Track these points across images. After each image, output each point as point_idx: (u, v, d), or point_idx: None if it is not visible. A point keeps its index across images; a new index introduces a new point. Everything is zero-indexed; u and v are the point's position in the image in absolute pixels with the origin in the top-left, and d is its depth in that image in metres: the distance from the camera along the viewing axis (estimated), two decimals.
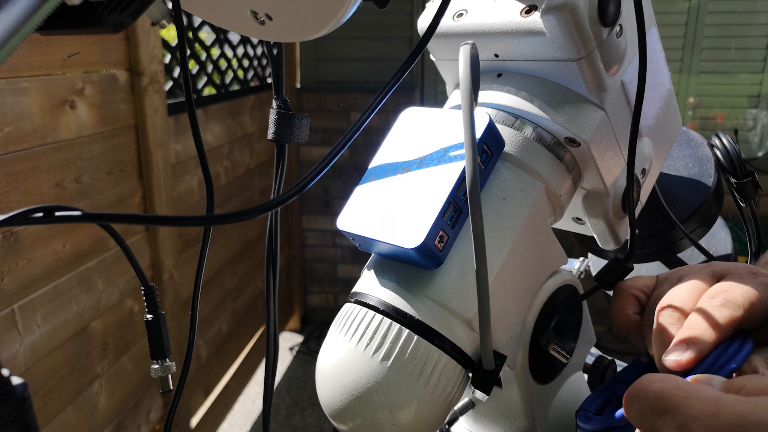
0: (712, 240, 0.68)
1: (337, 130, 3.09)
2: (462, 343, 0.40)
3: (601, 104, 0.45)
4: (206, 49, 2.27)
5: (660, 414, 0.29)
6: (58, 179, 1.40)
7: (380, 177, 0.44)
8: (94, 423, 1.59)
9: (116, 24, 0.26)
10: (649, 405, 0.30)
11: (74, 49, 1.42)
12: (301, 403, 2.72)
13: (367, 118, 0.38)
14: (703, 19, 2.85)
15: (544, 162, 0.45)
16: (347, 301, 0.44)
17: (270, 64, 0.48)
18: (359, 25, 2.87)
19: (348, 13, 0.35)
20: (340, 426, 0.41)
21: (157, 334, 0.50)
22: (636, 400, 0.31)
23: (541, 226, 0.45)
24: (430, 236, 0.38)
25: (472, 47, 0.40)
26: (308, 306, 3.46)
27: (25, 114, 1.29)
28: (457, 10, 0.48)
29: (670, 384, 0.30)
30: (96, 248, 1.55)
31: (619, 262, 0.47)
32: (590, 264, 0.70)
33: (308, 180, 0.35)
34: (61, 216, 0.30)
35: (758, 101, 2.95)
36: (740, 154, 0.61)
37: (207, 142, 2.23)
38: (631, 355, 2.87)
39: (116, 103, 1.61)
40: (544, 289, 0.45)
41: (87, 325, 1.54)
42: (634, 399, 0.31)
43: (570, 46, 0.42)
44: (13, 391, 0.25)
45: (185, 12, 0.40)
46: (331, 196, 3.22)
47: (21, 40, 0.23)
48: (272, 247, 0.51)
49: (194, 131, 0.45)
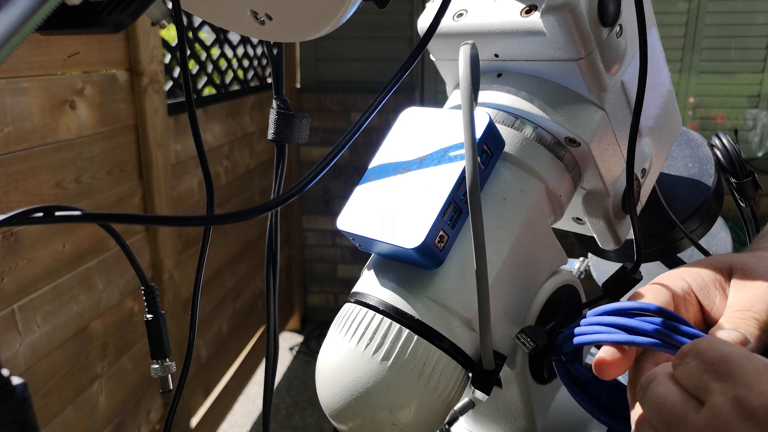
0: (712, 240, 0.68)
1: (337, 130, 3.09)
2: (462, 343, 0.40)
3: (601, 104, 0.45)
4: (206, 49, 2.27)
5: (718, 377, 0.28)
6: (58, 179, 1.40)
7: (380, 177, 0.44)
8: (94, 423, 1.59)
9: (116, 24, 0.27)
10: (710, 365, 0.29)
11: (74, 49, 1.42)
12: (301, 403, 2.72)
13: (367, 118, 0.38)
14: (703, 19, 2.85)
15: (544, 162, 0.45)
16: (347, 301, 0.44)
17: (270, 64, 0.48)
18: (359, 25, 2.87)
19: (348, 13, 0.35)
20: (340, 426, 0.41)
21: (157, 334, 0.50)
22: (697, 355, 0.29)
23: (541, 226, 0.45)
24: (430, 236, 0.38)
25: (472, 47, 0.40)
26: (308, 306, 3.46)
27: (25, 114, 1.29)
28: (457, 10, 0.48)
29: (739, 352, 0.29)
30: (96, 248, 1.55)
31: (627, 272, 0.47)
32: (590, 264, 0.70)
33: (308, 180, 0.35)
34: (61, 216, 0.30)
35: (758, 101, 2.95)
36: (740, 154, 0.61)
37: (207, 142, 2.23)
38: None
39: (116, 103, 1.61)
40: (544, 289, 0.45)
41: (87, 325, 1.54)
42: (694, 354, 0.30)
43: (570, 46, 0.42)
44: (13, 391, 0.25)
45: (185, 12, 0.40)
46: (331, 196, 3.22)
47: (21, 40, 0.23)
48: (272, 247, 0.51)
49: (194, 131, 0.45)
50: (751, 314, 0.34)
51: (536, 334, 0.42)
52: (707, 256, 0.61)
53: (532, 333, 0.42)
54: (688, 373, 0.30)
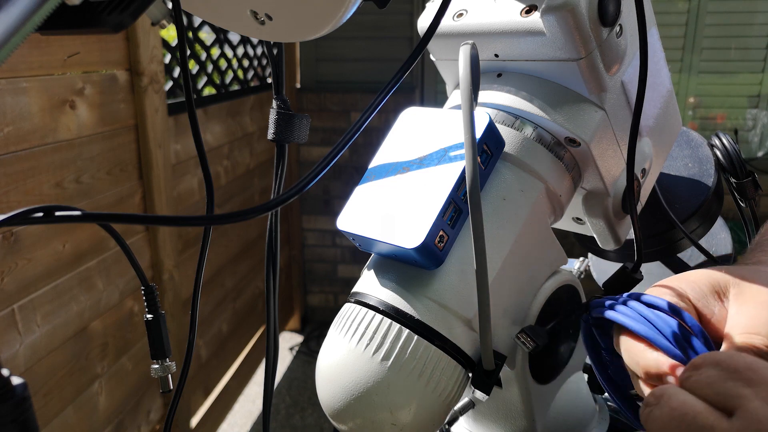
0: (712, 240, 0.68)
1: (337, 130, 3.09)
2: (462, 343, 0.40)
3: (601, 104, 0.45)
4: (206, 49, 2.27)
5: (748, 383, 0.28)
6: (58, 179, 1.40)
7: (380, 177, 0.44)
8: (94, 423, 1.59)
9: (116, 24, 0.27)
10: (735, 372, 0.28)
11: (74, 49, 1.42)
12: (301, 403, 2.72)
13: (367, 118, 0.38)
14: (703, 19, 2.85)
15: (544, 162, 0.45)
16: (347, 301, 0.44)
17: (270, 64, 0.48)
18: (359, 25, 2.87)
19: (348, 13, 0.35)
20: (340, 426, 0.41)
21: (157, 334, 0.50)
22: (717, 365, 0.29)
23: (541, 226, 0.45)
24: (430, 236, 0.38)
25: (472, 47, 0.40)
26: (308, 306, 3.46)
27: (25, 114, 1.29)
28: (457, 10, 0.48)
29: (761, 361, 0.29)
30: (96, 248, 1.55)
31: (627, 272, 0.47)
32: (590, 264, 0.70)
33: (308, 180, 0.35)
34: (61, 216, 0.30)
35: (758, 101, 2.95)
36: (740, 154, 0.61)
37: (207, 142, 2.23)
38: None
39: (116, 103, 1.61)
40: (545, 289, 0.45)
41: (87, 325, 1.54)
42: (713, 364, 0.29)
43: (570, 46, 0.42)
44: (13, 391, 0.25)
45: (185, 12, 0.40)
46: (331, 196, 3.22)
47: (21, 40, 0.23)
48: (272, 247, 0.51)
49: (194, 131, 0.45)
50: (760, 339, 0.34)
51: (537, 333, 0.42)
52: (708, 257, 0.61)
53: (532, 333, 0.42)
54: (707, 382, 0.29)
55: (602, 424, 0.54)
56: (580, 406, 0.53)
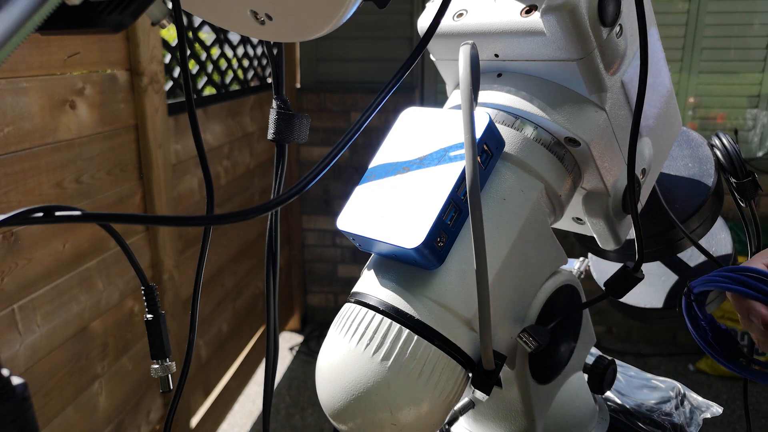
0: (712, 240, 0.68)
1: (337, 130, 3.09)
2: (462, 343, 0.40)
3: (601, 104, 0.45)
4: (206, 49, 2.27)
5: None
6: (58, 179, 1.40)
7: (380, 177, 0.44)
8: (94, 423, 1.59)
9: (116, 24, 0.27)
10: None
11: (74, 49, 1.42)
12: (301, 403, 2.72)
13: (367, 118, 0.38)
14: (703, 19, 2.84)
15: (544, 162, 0.45)
16: (347, 301, 0.44)
17: (270, 64, 0.49)
18: (359, 25, 2.87)
19: (348, 13, 0.35)
20: (340, 426, 0.41)
21: (157, 334, 0.50)
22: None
23: (541, 226, 0.45)
24: (430, 236, 0.38)
25: (472, 47, 0.40)
26: (308, 306, 3.46)
27: (25, 114, 1.28)
28: (457, 10, 0.48)
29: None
30: (96, 248, 1.55)
31: (628, 271, 0.47)
32: (590, 264, 0.70)
33: (308, 180, 0.35)
34: (61, 216, 0.30)
35: (758, 101, 2.95)
36: (740, 154, 0.61)
37: (207, 142, 2.22)
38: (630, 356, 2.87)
39: (116, 103, 1.61)
40: (544, 289, 0.45)
41: (87, 325, 1.54)
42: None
43: (570, 46, 0.42)
44: (13, 391, 0.25)
45: (185, 12, 0.40)
46: (331, 196, 3.22)
47: (21, 40, 0.23)
48: (272, 247, 0.51)
49: (194, 131, 0.45)
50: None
51: (538, 333, 0.42)
52: (708, 257, 0.61)
53: (534, 332, 0.42)
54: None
55: (602, 424, 0.55)
56: (580, 406, 0.53)
